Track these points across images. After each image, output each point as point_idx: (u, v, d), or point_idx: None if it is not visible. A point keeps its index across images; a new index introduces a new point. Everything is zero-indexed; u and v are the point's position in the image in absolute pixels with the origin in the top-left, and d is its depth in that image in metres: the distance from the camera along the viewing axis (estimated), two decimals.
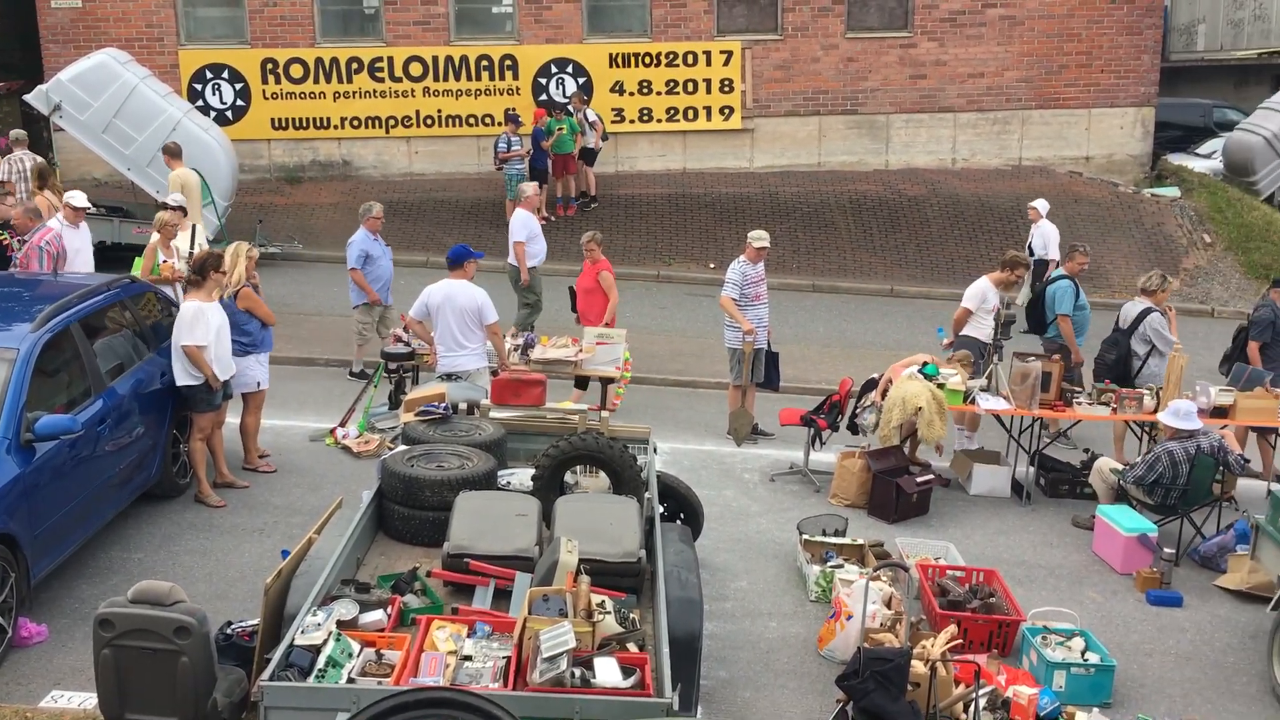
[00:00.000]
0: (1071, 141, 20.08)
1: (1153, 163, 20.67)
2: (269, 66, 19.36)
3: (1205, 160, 22.19)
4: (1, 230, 11.41)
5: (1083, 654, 7.22)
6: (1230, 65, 29.33)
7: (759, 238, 11.26)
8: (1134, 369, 10.74)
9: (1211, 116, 24.98)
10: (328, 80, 19.44)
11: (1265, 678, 7.40)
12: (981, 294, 11.07)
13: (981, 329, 11.07)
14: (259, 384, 9.77)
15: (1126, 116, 20.03)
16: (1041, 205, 15.56)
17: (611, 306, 11.95)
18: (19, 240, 10.92)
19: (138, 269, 11.32)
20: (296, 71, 19.40)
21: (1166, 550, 8.76)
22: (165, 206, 12.06)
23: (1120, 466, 9.72)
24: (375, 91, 19.50)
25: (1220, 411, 10.03)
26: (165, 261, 11.33)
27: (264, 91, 19.44)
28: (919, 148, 20.06)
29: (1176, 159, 21.71)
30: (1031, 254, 15.28)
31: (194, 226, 12.19)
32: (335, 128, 19.64)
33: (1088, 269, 11.86)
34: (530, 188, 14.21)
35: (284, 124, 19.58)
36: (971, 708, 6.35)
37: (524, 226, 13.62)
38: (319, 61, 19.38)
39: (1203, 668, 7.59)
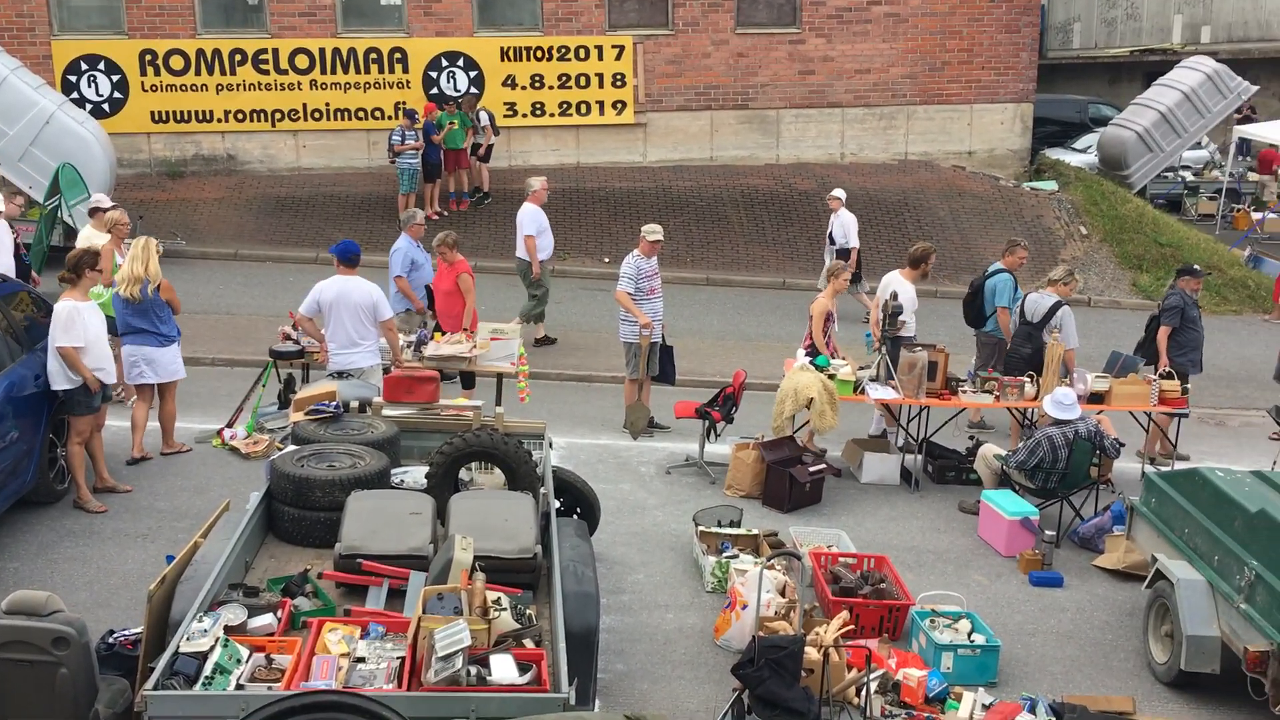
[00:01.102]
0: (955, 137, 20.60)
1: (1032, 157, 21.33)
2: (148, 58, 18.78)
3: (1081, 155, 23.00)
4: None
5: (969, 635, 7.43)
6: (1104, 62, 30.45)
7: (652, 231, 11.30)
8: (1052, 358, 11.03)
9: (1087, 112, 25.90)
10: (210, 72, 18.93)
11: (1141, 653, 7.70)
12: (912, 299, 11.18)
13: (909, 327, 11.21)
14: (180, 373, 9.91)
15: (1006, 112, 20.63)
16: (840, 194, 15.72)
17: (469, 309, 11.75)
18: None
19: None
20: (177, 63, 18.86)
21: (1047, 533, 9.06)
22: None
23: (1003, 453, 10.02)
24: (260, 84, 19.06)
25: (1097, 397, 10.40)
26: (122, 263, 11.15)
27: (143, 84, 18.85)
28: (809, 142, 20.36)
29: (1054, 154, 22.45)
30: (832, 242, 15.58)
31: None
32: (219, 121, 19.15)
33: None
34: (538, 181, 14.36)
35: (164, 117, 19.02)
36: (863, 691, 6.49)
37: (533, 220, 13.83)
38: (200, 53, 18.86)
39: (1082, 645, 7.87)
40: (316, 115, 19.27)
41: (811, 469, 10.01)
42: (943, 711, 6.66)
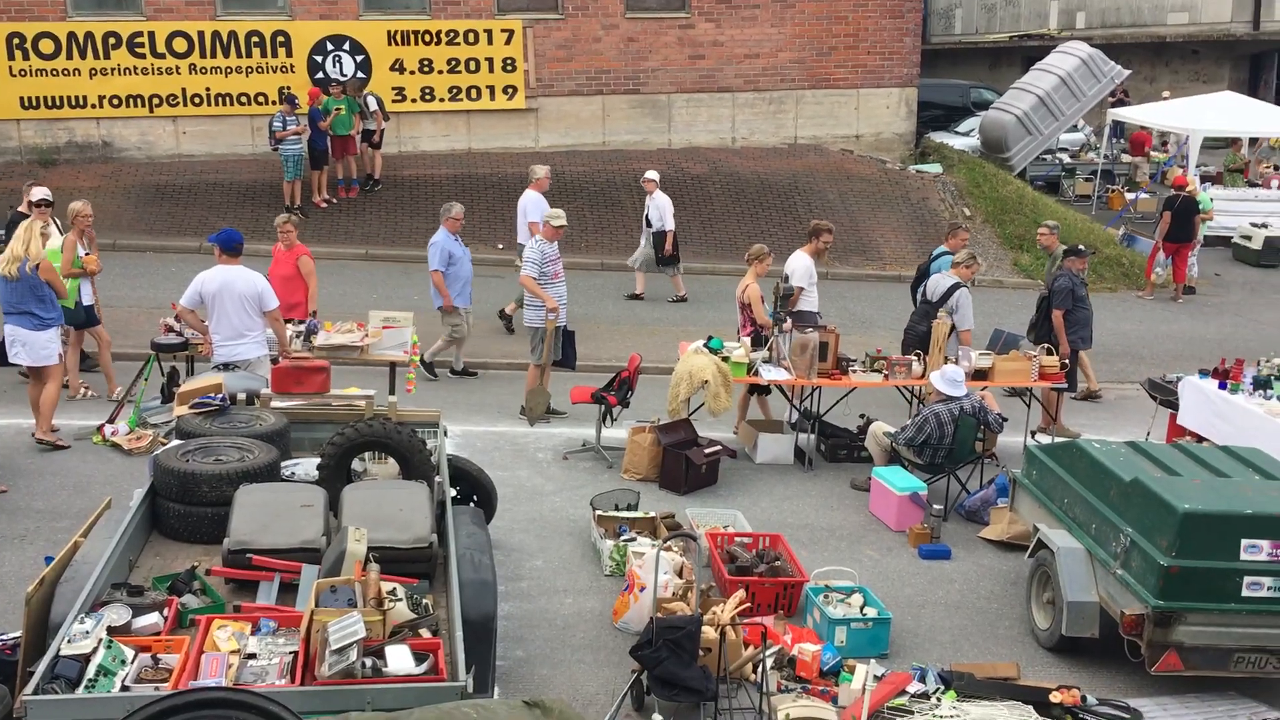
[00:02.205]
0: (842, 120, 20.93)
1: (917, 140, 21.79)
2: (15, 41, 18.02)
3: (964, 138, 23.55)
4: None
5: (861, 609, 7.59)
6: (985, 48, 31.24)
7: (556, 217, 11.32)
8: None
9: (969, 96, 26.52)
10: (83, 56, 18.25)
11: (1025, 620, 7.96)
12: (808, 269, 11.38)
13: (811, 302, 11.40)
14: (60, 356, 9.83)
15: (892, 97, 21.03)
16: (654, 175, 15.74)
17: (313, 293, 11.47)
18: None
19: (55, 262, 10.65)
20: (47, 47, 18.13)
21: (935, 507, 9.30)
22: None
23: (892, 430, 10.25)
24: (136, 68, 18.45)
25: (980, 374, 10.70)
26: (88, 254, 10.91)
27: (10, 68, 18.09)
28: (700, 127, 20.49)
29: (938, 137, 22.95)
30: (649, 224, 15.66)
31: None
32: (93, 107, 18.48)
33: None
34: (542, 170, 14.43)
35: (34, 103, 18.29)
36: (760, 668, 6.59)
37: (537, 207, 13.86)
38: (72, 36, 18.17)
39: (970, 615, 8.11)
40: (196, 100, 18.73)
41: (707, 451, 10.11)
42: (837, 684, 6.80)
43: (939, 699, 6.66)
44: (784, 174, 19.78)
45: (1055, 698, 6.69)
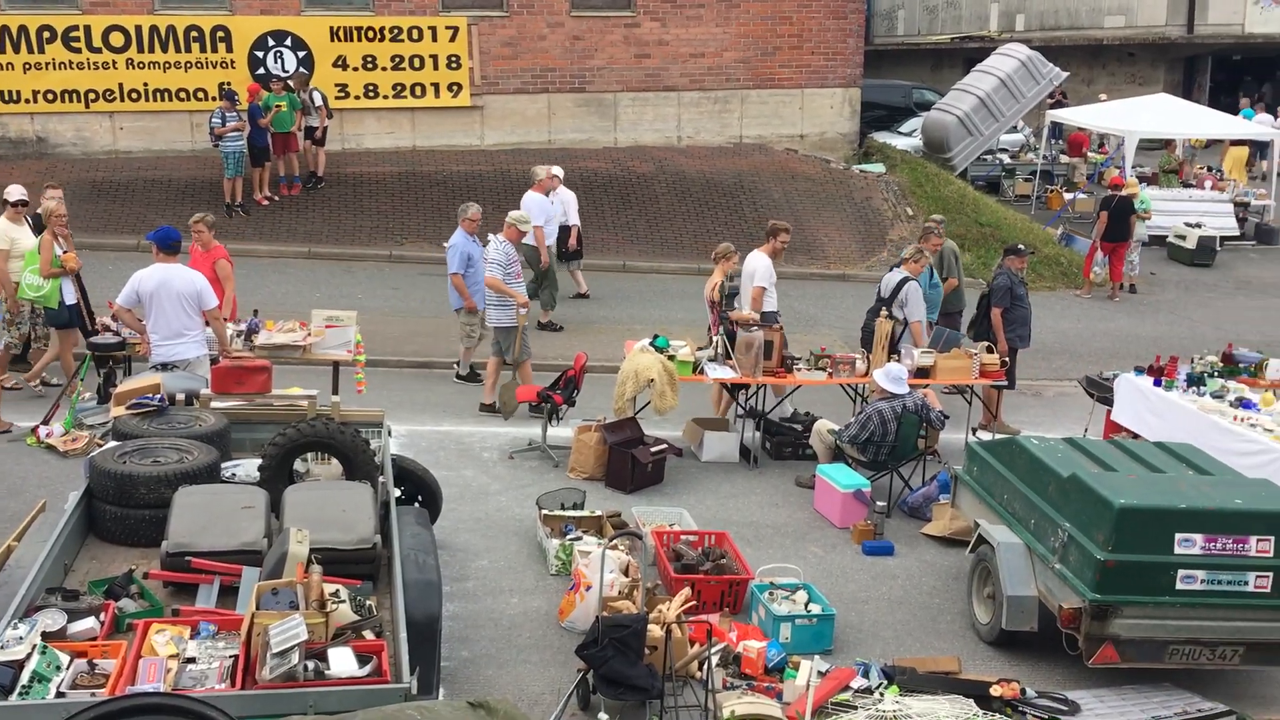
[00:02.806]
0: (787, 120, 21.05)
1: (860, 140, 21.97)
2: None
3: (907, 138, 23.78)
4: None
5: (806, 606, 7.65)
6: (927, 49, 31.59)
7: (522, 220, 11.44)
8: (896, 334, 11.41)
9: (911, 97, 26.78)
10: (15, 50, 17.85)
11: (966, 615, 8.07)
12: (768, 269, 11.46)
13: (770, 302, 11.50)
14: None
15: (835, 97, 21.19)
16: (559, 171, 15.61)
17: (229, 297, 11.03)
18: None
19: (32, 264, 10.40)
20: None
21: (879, 503, 9.39)
22: None
23: (836, 427, 10.33)
24: (72, 63, 18.08)
25: (923, 372, 10.82)
26: (67, 253, 10.69)
27: None
28: (646, 126, 20.50)
29: (881, 137, 23.16)
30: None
31: None
32: (27, 101, 18.09)
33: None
34: (544, 170, 14.50)
35: None
36: (705, 665, 6.62)
37: (541, 209, 14.02)
38: (5, 29, 17.76)
39: (912, 610, 8.20)
40: (134, 96, 18.40)
41: (653, 449, 10.13)
42: (781, 680, 6.85)
43: (882, 694, 6.74)
44: (729, 173, 19.86)
45: (995, 691, 6.79)
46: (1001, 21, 30.73)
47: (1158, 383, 10.67)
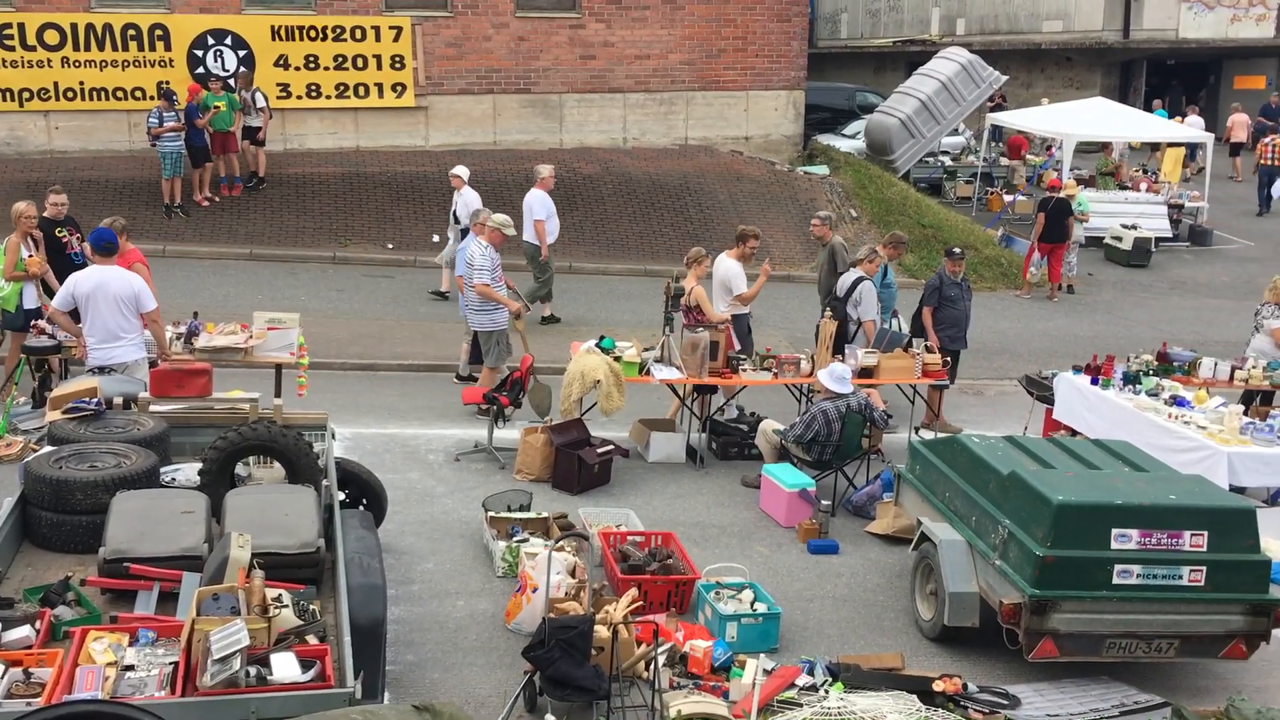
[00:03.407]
0: (732, 122, 21.16)
1: (804, 142, 22.13)
2: None
3: (850, 140, 24.00)
4: None
5: (752, 605, 7.70)
6: (870, 52, 31.91)
7: (506, 225, 11.43)
8: (850, 333, 11.55)
9: (854, 100, 27.03)
10: None
11: (909, 612, 8.16)
12: (739, 274, 11.61)
13: (739, 307, 11.69)
14: None
15: (780, 99, 21.33)
16: (463, 172, 15.44)
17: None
18: None
19: None
20: None
21: (823, 502, 9.48)
22: None
23: (782, 428, 10.41)
24: (5, 61, 17.71)
25: (866, 372, 10.93)
26: (30, 256, 10.44)
27: None
28: (591, 127, 20.50)
29: (825, 139, 23.36)
30: (456, 221, 15.18)
31: None
32: None
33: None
34: (546, 169, 14.67)
35: None
36: (652, 665, 6.63)
37: (543, 206, 14.31)
38: None
39: (857, 608, 8.28)
40: (70, 95, 18.07)
41: (599, 450, 10.14)
42: (728, 679, 6.88)
43: (827, 691, 6.79)
44: (675, 174, 19.92)
45: (938, 686, 6.87)
46: (942, 25, 31.12)
47: (1095, 381, 10.87)
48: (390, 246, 17.38)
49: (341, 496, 7.40)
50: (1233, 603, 7.12)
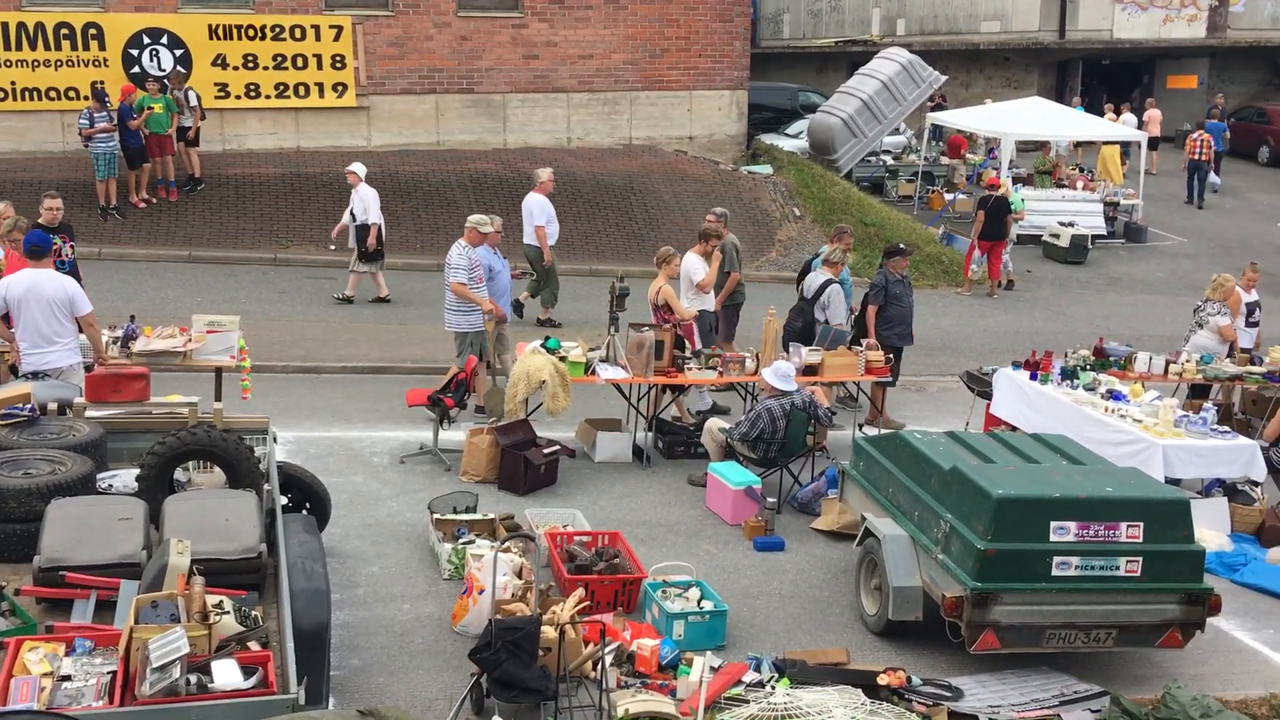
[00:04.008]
0: (676, 122, 21.21)
1: (748, 142, 22.24)
2: None
3: (793, 140, 24.17)
4: None
5: (699, 603, 7.73)
6: (812, 52, 32.15)
7: (484, 223, 11.43)
8: (816, 334, 11.61)
9: (797, 100, 27.23)
10: None
11: (854, 607, 8.23)
12: (700, 267, 11.75)
13: (707, 301, 11.84)
14: None
15: (723, 99, 21.41)
16: (359, 169, 15.32)
17: None
18: None
19: None
20: None
21: (769, 500, 9.53)
22: None
23: (727, 426, 10.46)
24: None
25: (810, 370, 11.01)
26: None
27: None
28: (535, 127, 20.45)
29: (768, 139, 23.50)
30: (353, 219, 15.17)
31: None
32: None
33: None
34: (545, 173, 14.75)
35: None
36: (599, 665, 6.63)
37: (543, 210, 14.46)
38: None
39: (803, 604, 8.34)
40: (1, 95, 17.69)
41: (546, 451, 10.12)
42: (675, 677, 6.90)
43: (773, 687, 6.84)
44: (620, 174, 19.92)
45: (883, 680, 6.95)
46: (883, 26, 31.42)
47: (1034, 377, 11.05)
48: (333, 248, 17.20)
49: (284, 501, 7.32)
50: (1168, 592, 7.27)
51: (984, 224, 18.03)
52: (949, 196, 23.06)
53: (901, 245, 13.02)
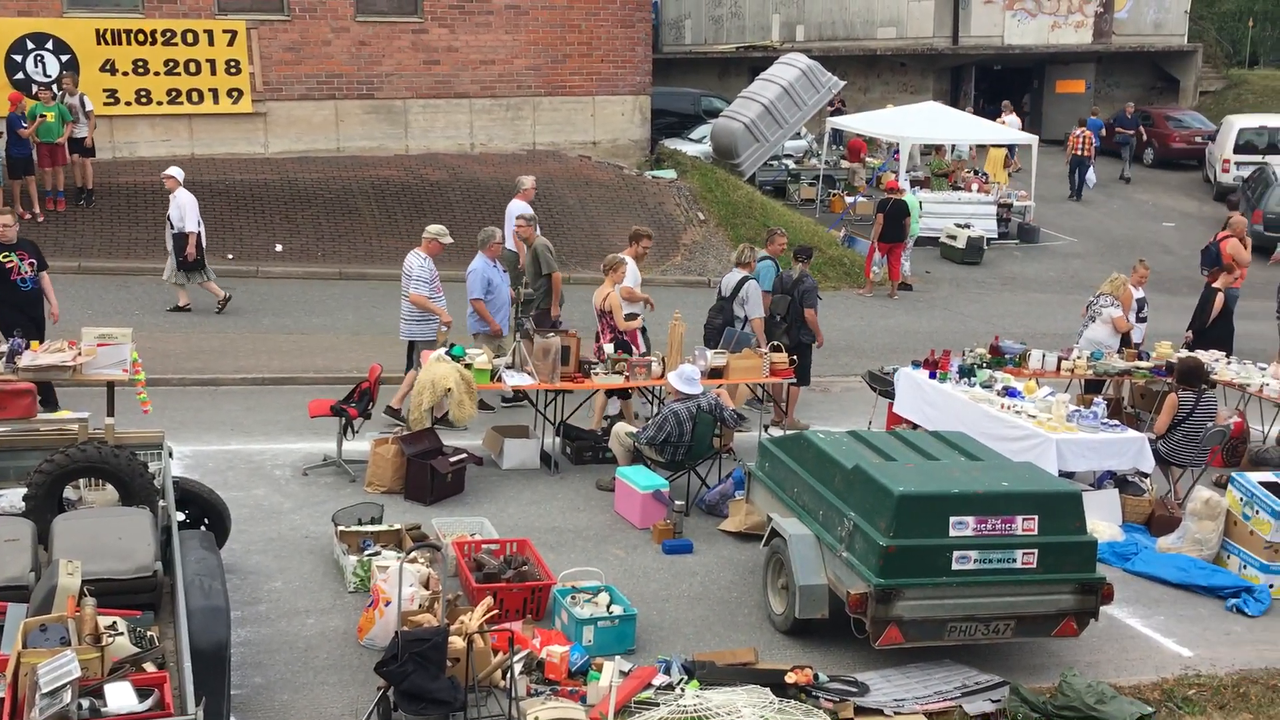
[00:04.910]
0: (579, 127, 21.21)
1: (652, 147, 22.35)
2: None
3: (696, 145, 24.34)
4: None
5: (608, 608, 7.73)
6: (714, 58, 32.40)
7: (443, 234, 11.48)
8: (739, 330, 11.83)
9: (700, 105, 27.43)
10: None
11: (762, 607, 8.31)
12: (633, 273, 11.89)
13: (635, 304, 11.88)
14: None
15: (626, 104, 21.49)
16: (177, 173, 14.86)
17: None
18: None
19: None
20: None
21: (677, 503, 9.58)
22: None
23: (633, 430, 10.49)
24: None
25: (716, 372, 11.09)
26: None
27: None
28: (438, 133, 20.29)
29: (672, 144, 23.63)
30: (171, 227, 14.69)
31: None
32: None
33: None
34: (528, 180, 14.69)
35: None
36: (509, 674, 6.60)
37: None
38: None
39: (711, 606, 8.40)
40: None
41: (452, 459, 10.03)
42: (585, 683, 6.90)
43: (683, 689, 6.88)
44: None
45: (790, 678, 7.03)
46: (783, 32, 31.82)
47: (933, 375, 11.29)
48: (230, 257, 16.86)
49: (181, 517, 7.16)
50: (1063, 583, 7.48)
51: (883, 226, 18.38)
52: (849, 199, 23.45)
53: (809, 248, 13.32)
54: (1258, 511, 9.14)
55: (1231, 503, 9.38)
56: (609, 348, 11.15)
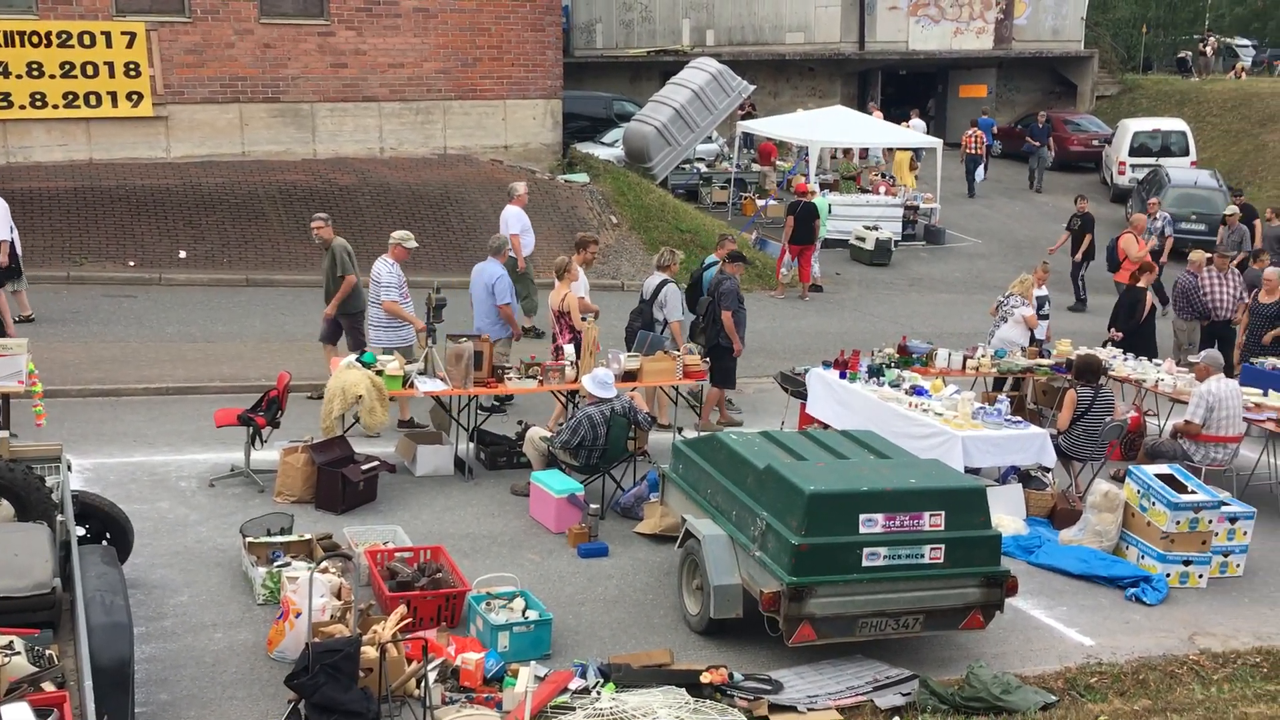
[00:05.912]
0: (491, 131, 21.11)
1: (564, 151, 22.32)
2: None
3: (609, 148, 24.39)
4: None
5: (523, 613, 7.71)
6: (625, 62, 32.50)
7: (408, 239, 11.56)
8: (659, 332, 11.97)
9: (612, 109, 27.49)
10: None
11: (678, 608, 8.35)
12: (584, 283, 12.04)
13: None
14: None
15: (537, 108, 21.44)
16: None
17: None
18: None
19: None
20: None
21: (592, 506, 9.59)
22: None
23: (548, 434, 10.47)
24: None
25: (630, 375, 11.13)
26: None
27: None
28: (346, 137, 20.03)
29: (584, 147, 23.64)
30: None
31: None
32: None
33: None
34: (521, 186, 15.22)
35: None
36: (423, 682, 6.55)
37: (518, 220, 14.93)
38: None
39: (627, 608, 8.42)
40: None
41: (364, 467, 9.91)
42: (500, 689, 6.87)
43: (599, 693, 6.89)
44: (435, 184, 19.70)
45: (705, 678, 7.08)
46: (693, 36, 32.03)
47: (843, 375, 11.46)
48: (132, 264, 16.46)
49: (81, 532, 6.97)
50: (969, 576, 7.65)
51: (794, 229, 18.60)
52: (760, 202, 23.69)
53: (742, 253, 13.53)
54: (1154, 503, 9.45)
55: (1129, 495, 9.68)
56: (569, 349, 11.11)
